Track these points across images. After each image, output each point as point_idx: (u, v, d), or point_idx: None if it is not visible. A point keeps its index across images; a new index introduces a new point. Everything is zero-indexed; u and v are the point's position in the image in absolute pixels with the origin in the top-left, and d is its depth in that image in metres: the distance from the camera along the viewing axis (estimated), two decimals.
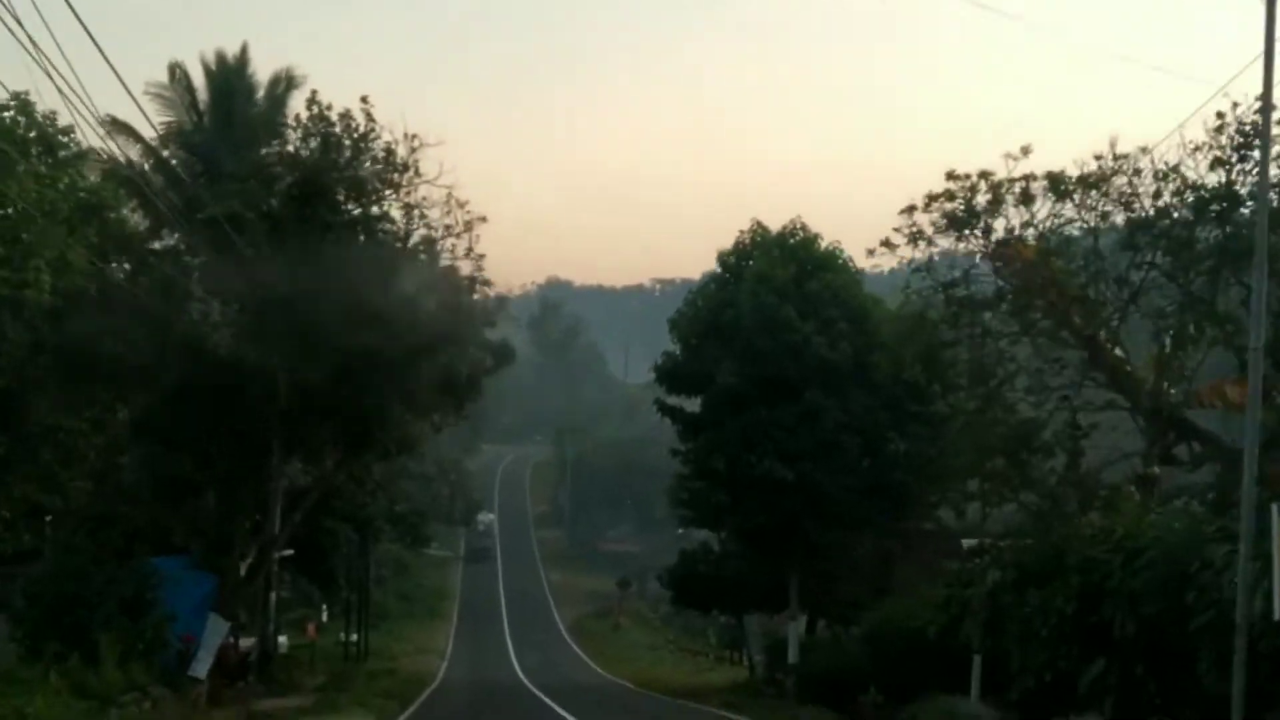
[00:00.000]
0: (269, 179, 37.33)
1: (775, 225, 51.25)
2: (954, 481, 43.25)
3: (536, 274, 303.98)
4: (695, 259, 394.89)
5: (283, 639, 53.71)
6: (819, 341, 47.77)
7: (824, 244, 50.83)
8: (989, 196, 33.82)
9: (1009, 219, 34.05)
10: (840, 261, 50.48)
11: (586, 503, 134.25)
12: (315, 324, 33.10)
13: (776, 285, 48.50)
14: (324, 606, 76.08)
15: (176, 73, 40.39)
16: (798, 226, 50.68)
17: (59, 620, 32.13)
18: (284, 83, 40.89)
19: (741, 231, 51.54)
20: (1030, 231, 33.95)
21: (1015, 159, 33.26)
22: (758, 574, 54.69)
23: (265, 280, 33.22)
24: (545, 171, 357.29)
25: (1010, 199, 33.73)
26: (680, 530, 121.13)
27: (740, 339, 48.80)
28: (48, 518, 38.36)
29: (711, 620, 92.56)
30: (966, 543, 40.83)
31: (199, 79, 40.94)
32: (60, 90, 19.18)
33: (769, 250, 50.07)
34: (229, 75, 40.73)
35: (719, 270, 51.63)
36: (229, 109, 40.22)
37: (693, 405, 52.49)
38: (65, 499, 37.02)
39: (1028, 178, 33.34)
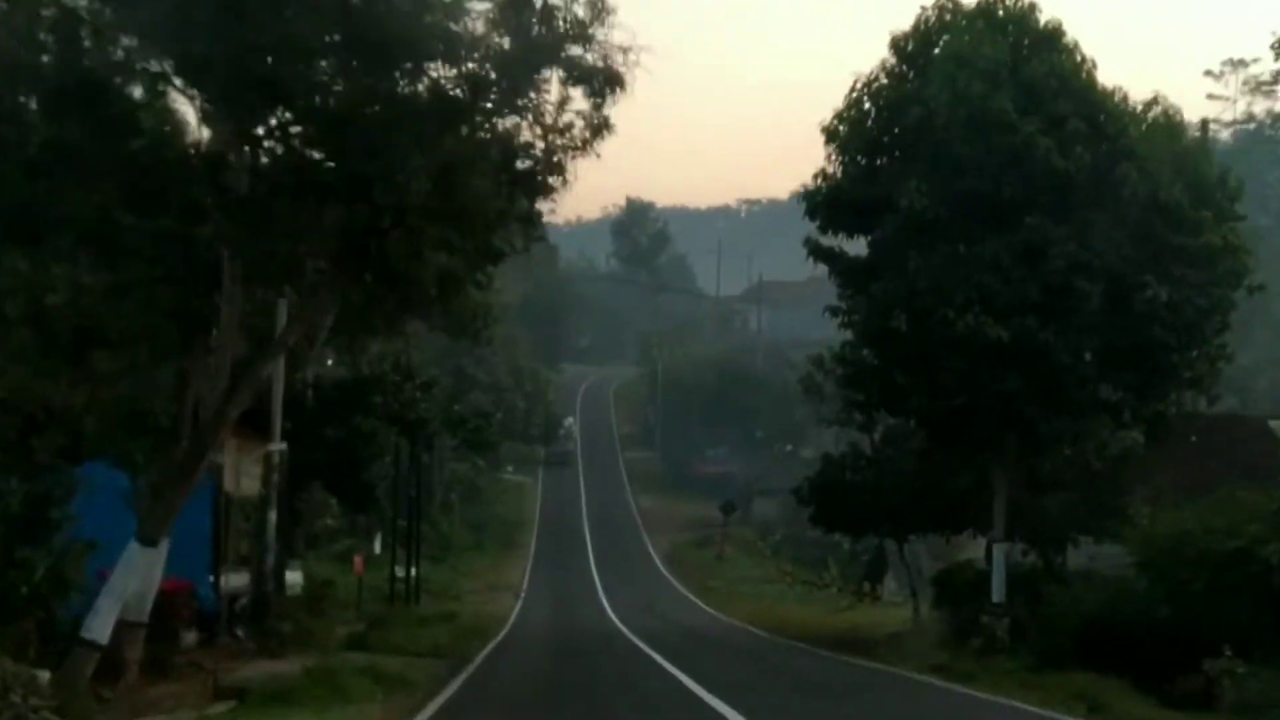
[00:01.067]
0: None
1: None
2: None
3: (616, 195, 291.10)
4: (782, 180, 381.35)
5: (294, 575, 40.07)
6: (1045, 145, 32.92)
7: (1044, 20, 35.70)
8: None
9: None
10: (1069, 43, 35.32)
11: (679, 422, 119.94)
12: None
13: (984, 68, 33.61)
14: (377, 536, 62.98)
15: None
16: None
17: None
18: None
19: (923, 8, 36.47)
20: None
21: None
22: (936, 480, 40.55)
23: None
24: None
25: None
26: (789, 447, 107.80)
27: (931, 145, 34.14)
28: None
29: (831, 547, 78.27)
30: None
31: None
32: None
33: (970, 23, 35.02)
34: None
35: (893, 61, 36.62)
36: None
37: (857, 248, 38.06)
38: None
39: None
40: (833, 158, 36.58)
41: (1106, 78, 35.02)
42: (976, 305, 32.90)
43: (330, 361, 45.94)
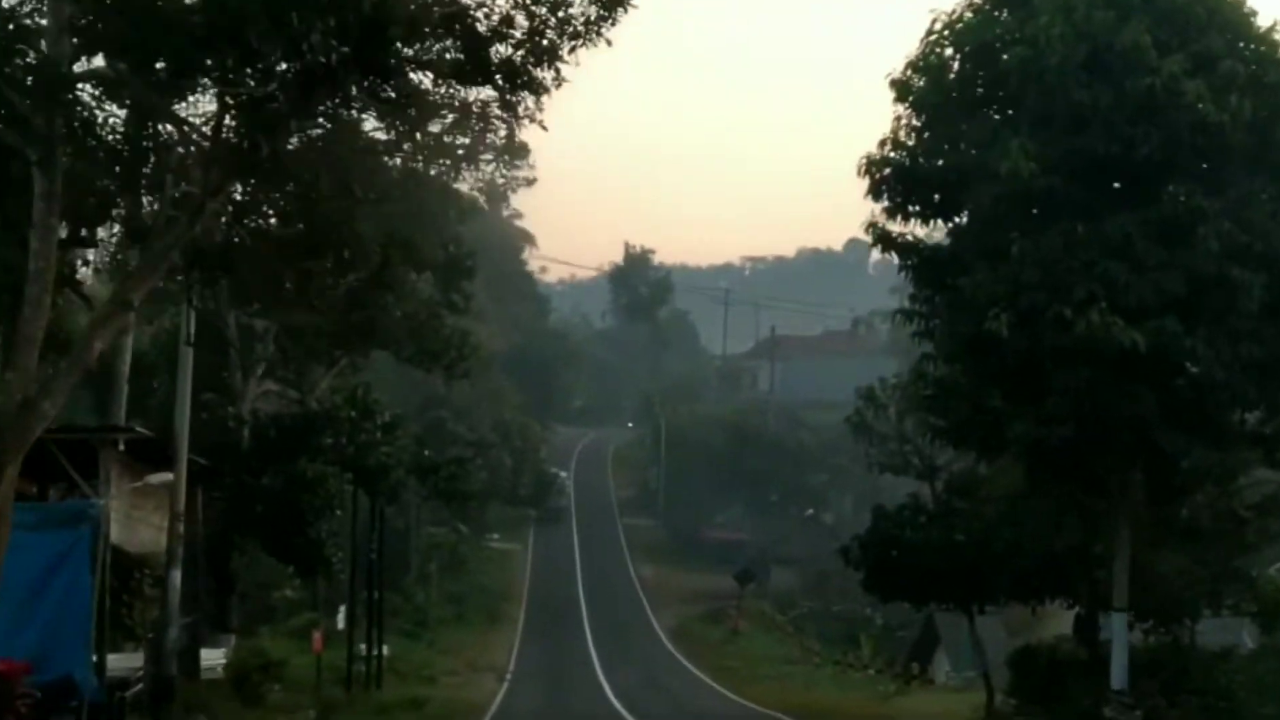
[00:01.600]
0: None
1: None
2: None
3: (614, 253, 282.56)
4: (786, 237, 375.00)
5: (214, 654, 31.76)
6: (1194, 91, 24.93)
7: None
8: None
9: None
10: None
11: (683, 485, 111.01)
12: None
13: None
14: (341, 609, 54.68)
15: None
16: None
17: None
18: None
19: None
20: None
21: None
22: (1025, 536, 32.45)
23: None
24: (622, 148, 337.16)
25: None
26: (810, 512, 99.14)
27: (1039, 94, 26.19)
28: None
29: (861, 622, 69.69)
30: None
31: None
32: None
33: None
34: None
35: None
36: None
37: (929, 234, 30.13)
38: None
39: None
40: (904, 120, 28.56)
41: (1269, 10, 27.18)
42: (1101, 302, 24.86)
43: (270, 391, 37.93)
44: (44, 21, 16.95)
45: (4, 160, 16.86)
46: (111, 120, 17.94)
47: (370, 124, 18.55)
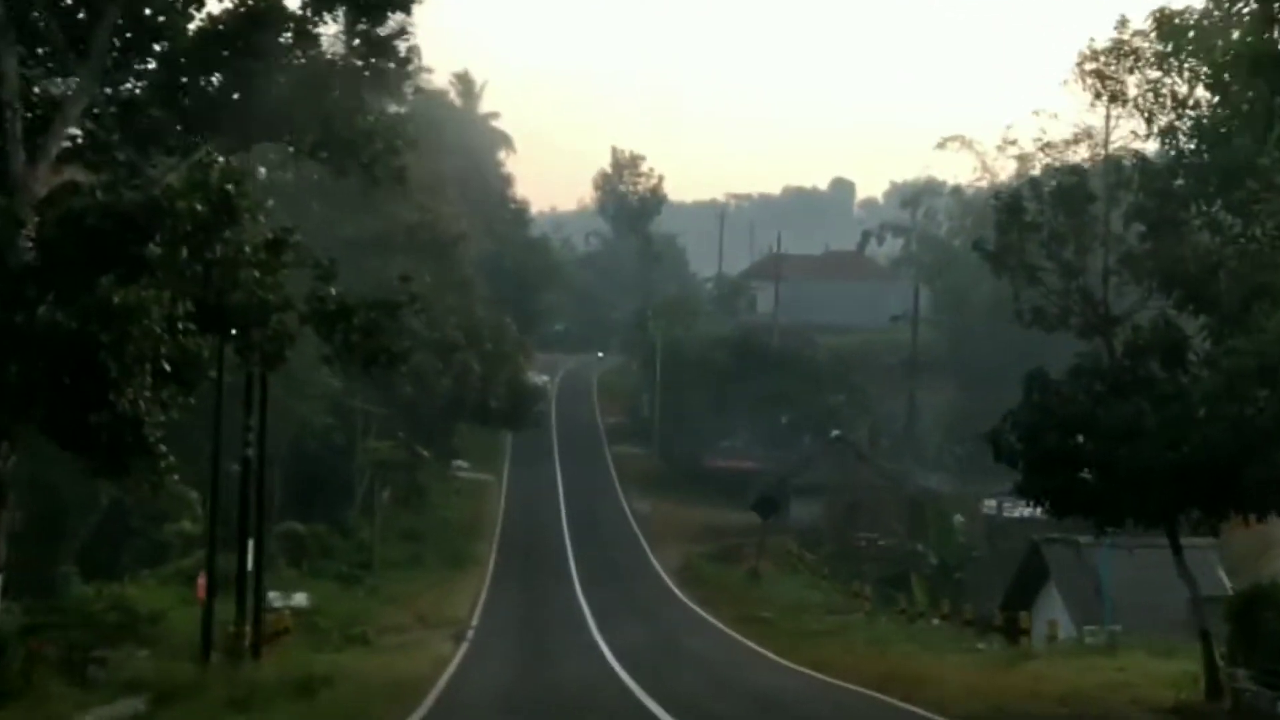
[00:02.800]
0: None
1: None
2: None
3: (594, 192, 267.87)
4: (772, 174, 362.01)
5: None
6: None
7: None
8: None
9: None
10: None
11: (680, 411, 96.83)
12: None
13: None
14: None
15: None
16: None
17: None
18: None
19: None
20: None
21: None
22: None
23: None
24: (605, 84, 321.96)
25: None
26: (836, 433, 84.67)
27: None
28: None
29: (910, 559, 55.67)
30: None
31: None
32: None
33: None
34: None
35: None
36: None
37: None
38: None
39: None
40: None
41: None
42: None
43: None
44: None
45: None
46: None
47: None
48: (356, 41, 25.91)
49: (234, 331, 23.49)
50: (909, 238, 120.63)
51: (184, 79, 25.50)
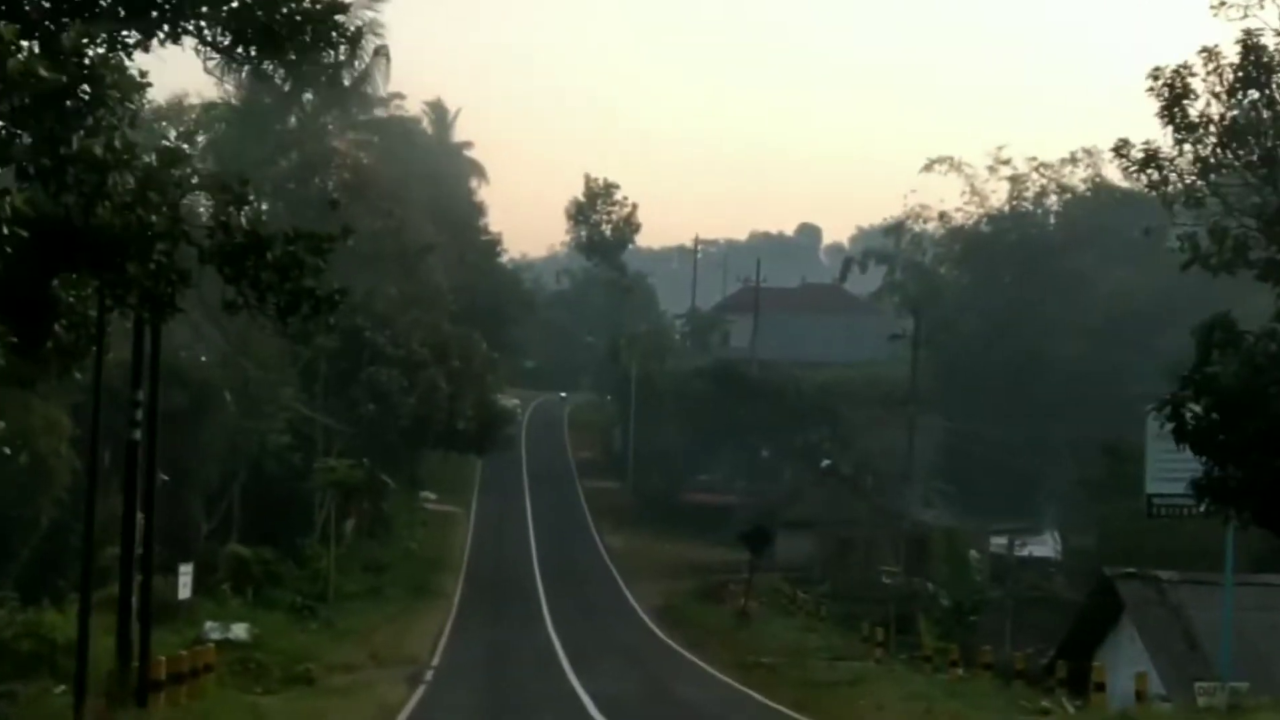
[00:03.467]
0: None
1: None
2: None
3: (564, 236, 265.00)
4: (739, 219, 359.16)
5: None
6: None
7: None
8: None
9: None
10: None
11: (655, 444, 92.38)
12: None
13: None
14: (187, 568, 36.96)
15: None
16: None
17: None
18: None
19: None
20: None
21: None
22: None
23: None
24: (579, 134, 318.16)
25: None
26: (826, 462, 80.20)
27: None
28: None
29: (919, 600, 50.92)
30: None
31: None
32: None
33: None
34: None
35: None
36: None
37: None
38: None
39: None
40: None
41: None
42: None
43: None
44: None
45: None
46: None
47: None
48: None
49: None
50: (893, 264, 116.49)
51: None
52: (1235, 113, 20.47)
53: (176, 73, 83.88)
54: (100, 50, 16.09)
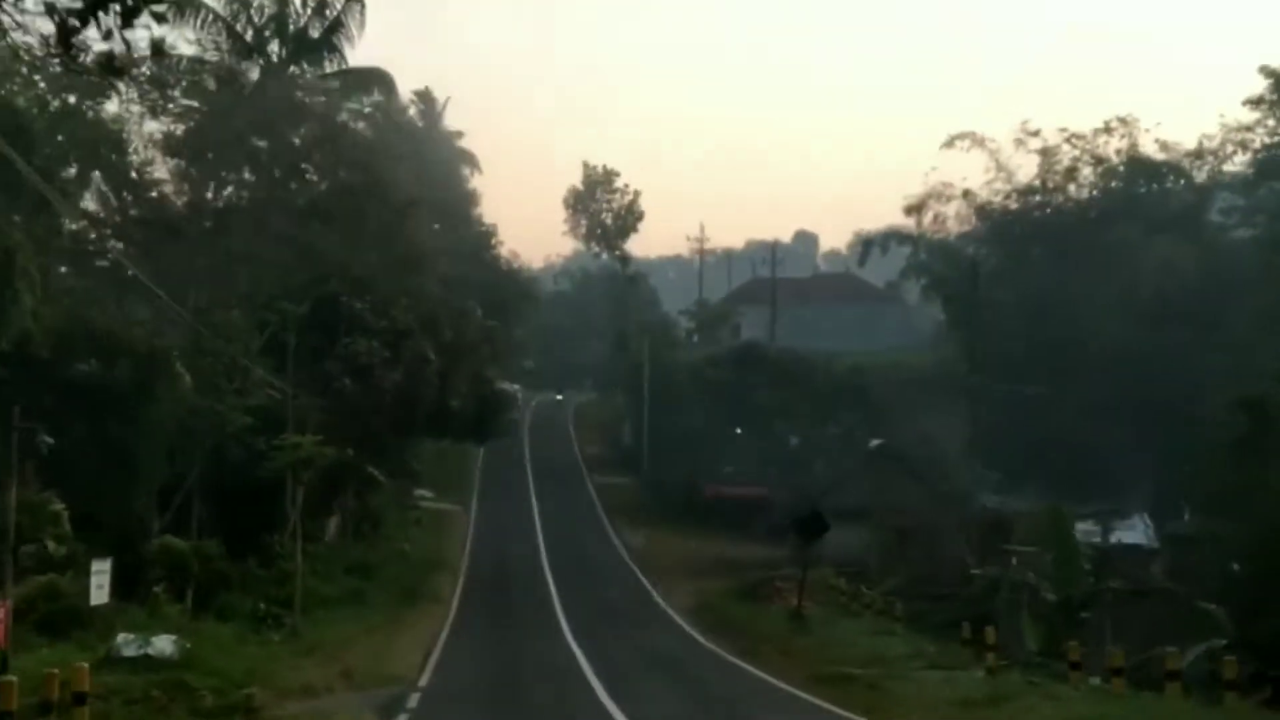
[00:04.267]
0: None
1: None
2: None
3: (561, 246, 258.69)
4: (735, 227, 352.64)
5: None
6: None
7: None
8: None
9: None
10: None
11: (670, 435, 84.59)
12: None
13: None
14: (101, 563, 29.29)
15: None
16: None
17: None
18: None
19: None
20: None
21: None
22: None
23: None
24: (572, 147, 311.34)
25: None
26: (876, 442, 71.98)
27: None
28: None
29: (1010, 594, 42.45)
30: None
31: None
32: None
33: None
34: None
35: None
36: None
37: None
38: None
39: None
40: None
41: None
42: None
43: None
44: None
45: None
46: None
47: None
48: None
49: None
50: (916, 245, 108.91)
51: None
52: None
53: None
54: None
